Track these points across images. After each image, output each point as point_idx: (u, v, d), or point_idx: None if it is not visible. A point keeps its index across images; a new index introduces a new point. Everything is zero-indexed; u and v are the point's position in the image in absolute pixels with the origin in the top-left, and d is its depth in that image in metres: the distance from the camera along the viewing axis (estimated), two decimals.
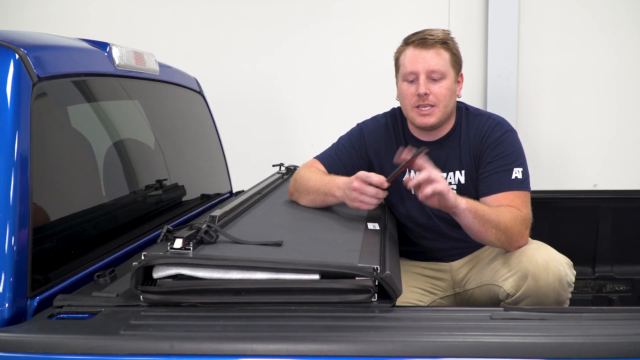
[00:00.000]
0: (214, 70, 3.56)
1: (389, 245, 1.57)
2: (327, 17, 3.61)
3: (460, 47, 1.95)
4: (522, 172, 1.84)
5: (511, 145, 1.87)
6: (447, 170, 1.92)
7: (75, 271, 1.43)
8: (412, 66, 1.85)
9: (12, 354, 1.10)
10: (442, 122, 1.89)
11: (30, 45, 1.38)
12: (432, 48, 1.84)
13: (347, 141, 2.06)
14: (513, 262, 1.73)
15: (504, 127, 1.91)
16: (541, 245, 1.77)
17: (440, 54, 1.84)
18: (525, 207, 1.80)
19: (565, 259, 1.72)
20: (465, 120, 1.95)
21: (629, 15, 3.42)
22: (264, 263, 1.28)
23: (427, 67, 1.83)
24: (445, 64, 1.85)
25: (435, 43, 1.84)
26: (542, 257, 1.68)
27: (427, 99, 1.83)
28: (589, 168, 3.52)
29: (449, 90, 1.85)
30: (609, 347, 1.07)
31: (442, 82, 1.84)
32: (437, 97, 1.84)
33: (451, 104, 1.88)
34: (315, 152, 2.12)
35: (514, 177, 1.83)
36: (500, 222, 1.70)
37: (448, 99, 1.86)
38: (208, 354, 1.08)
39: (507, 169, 1.84)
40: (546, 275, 1.65)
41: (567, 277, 1.68)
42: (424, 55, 1.84)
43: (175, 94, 2.34)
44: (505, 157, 1.85)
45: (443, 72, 1.84)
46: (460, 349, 1.08)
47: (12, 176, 1.24)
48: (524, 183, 1.84)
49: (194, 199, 2.32)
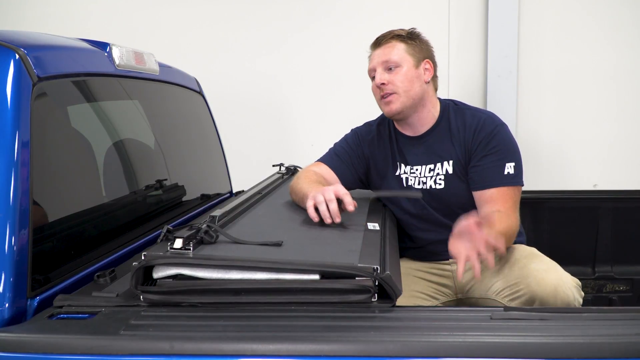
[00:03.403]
0: (214, 70, 3.56)
1: (389, 245, 1.57)
2: (327, 17, 3.61)
3: (460, 47, 1.98)
4: (514, 167, 1.88)
5: (503, 139, 1.91)
6: (435, 161, 1.97)
7: (75, 271, 1.43)
8: (371, 64, 2.00)
9: (12, 354, 1.10)
10: (408, 107, 1.95)
11: (30, 45, 1.38)
12: (384, 44, 1.97)
13: (344, 142, 2.13)
14: (522, 283, 1.71)
15: (495, 121, 1.95)
16: (550, 265, 1.75)
17: (393, 46, 1.96)
18: (515, 208, 1.86)
19: (574, 281, 1.70)
20: (453, 113, 1.99)
21: (629, 15, 3.42)
22: (264, 263, 1.28)
23: (380, 60, 1.96)
24: (399, 53, 1.95)
25: (387, 39, 1.98)
26: (551, 281, 1.66)
27: (385, 88, 1.94)
28: (589, 168, 3.52)
29: (406, 76, 1.94)
30: (609, 347, 1.06)
31: (397, 70, 1.94)
32: (394, 83, 1.93)
33: (414, 89, 1.94)
34: (316, 152, 2.14)
35: (506, 173, 1.86)
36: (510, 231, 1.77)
37: (407, 84, 1.93)
38: (208, 354, 1.08)
39: (499, 164, 1.87)
40: (554, 301, 1.64)
41: (575, 302, 1.67)
42: (378, 52, 1.98)
43: (175, 94, 2.34)
44: (497, 151, 1.89)
45: (396, 60, 1.94)
46: (460, 349, 1.08)
47: (12, 176, 1.24)
48: (515, 178, 1.87)
49: (194, 199, 2.32)
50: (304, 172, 2.05)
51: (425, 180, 1.98)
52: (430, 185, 1.97)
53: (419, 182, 1.99)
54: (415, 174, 2.00)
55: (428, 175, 1.97)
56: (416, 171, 2.00)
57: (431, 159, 1.97)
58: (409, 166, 2.01)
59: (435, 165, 1.97)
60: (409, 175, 2.01)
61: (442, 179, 1.95)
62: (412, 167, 2.01)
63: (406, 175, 2.01)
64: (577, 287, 1.70)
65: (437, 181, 1.96)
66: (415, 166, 2.00)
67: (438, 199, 1.96)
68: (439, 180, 1.96)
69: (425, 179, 1.98)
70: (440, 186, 1.95)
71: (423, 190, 1.97)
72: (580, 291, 1.71)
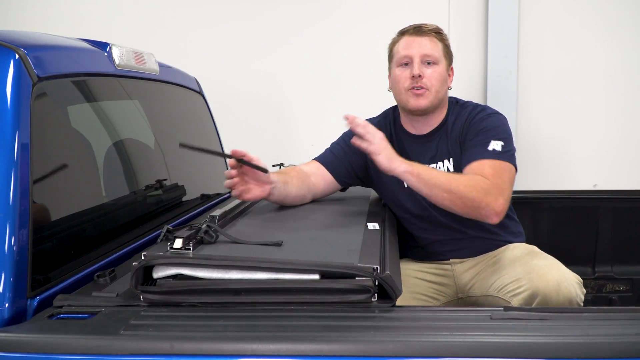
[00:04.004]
0: (214, 70, 3.56)
1: (389, 245, 1.57)
2: (327, 17, 3.61)
3: (460, 47, 1.98)
4: (501, 145, 1.81)
5: (493, 122, 1.88)
6: (437, 160, 1.96)
7: (75, 271, 1.43)
8: (407, 50, 1.93)
9: (12, 354, 1.10)
10: (434, 107, 1.93)
11: (30, 45, 1.38)
12: (427, 35, 1.94)
13: (341, 140, 2.12)
14: (524, 278, 1.71)
15: (488, 110, 1.95)
16: (552, 261, 1.75)
17: (435, 42, 1.94)
18: (497, 175, 1.74)
19: (575, 277, 1.70)
20: (453, 112, 1.99)
21: (628, 15, 3.42)
22: (263, 263, 1.28)
23: (422, 51, 1.91)
24: (439, 51, 1.93)
25: (430, 31, 1.94)
26: (553, 277, 1.66)
27: (420, 81, 1.90)
28: (589, 168, 3.52)
29: (442, 77, 1.92)
30: (609, 347, 1.06)
31: (435, 67, 1.92)
32: (430, 80, 1.90)
33: (442, 91, 1.94)
34: (316, 152, 2.14)
35: (490, 149, 1.80)
36: (452, 187, 1.69)
37: (440, 84, 1.92)
38: (208, 354, 1.08)
39: (484, 141, 1.82)
40: (557, 297, 1.64)
41: (577, 298, 1.66)
42: (418, 40, 1.93)
43: (175, 94, 2.34)
44: (485, 132, 1.85)
45: (437, 57, 1.92)
46: (460, 349, 1.08)
47: (12, 176, 1.24)
48: (502, 155, 1.79)
49: (194, 199, 2.32)
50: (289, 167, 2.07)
51: None
52: None
53: None
54: None
55: None
56: None
57: (434, 158, 1.97)
58: None
59: (437, 164, 1.96)
60: None
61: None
62: None
63: None
64: (579, 284, 1.70)
65: None
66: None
67: None
68: None
69: None
70: None
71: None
72: (582, 288, 1.70)
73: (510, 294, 1.73)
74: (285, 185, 1.84)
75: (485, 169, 1.75)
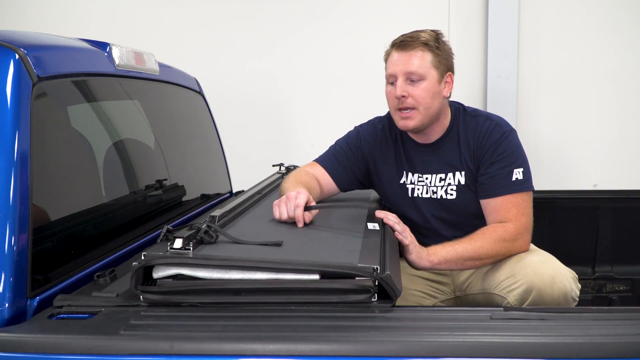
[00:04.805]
0: (214, 70, 3.56)
1: (389, 245, 1.57)
2: (327, 17, 3.61)
3: (460, 47, 1.95)
4: (522, 172, 1.83)
5: (510, 145, 1.86)
6: (447, 171, 1.92)
7: (75, 271, 1.43)
8: (392, 68, 1.86)
9: (12, 354, 1.10)
10: (425, 124, 1.88)
11: (30, 45, 1.38)
12: (412, 50, 1.83)
13: (344, 143, 2.08)
14: (519, 274, 1.72)
15: (503, 127, 1.89)
16: (547, 257, 1.77)
17: (420, 56, 1.83)
18: (521, 213, 1.81)
19: (570, 272, 1.72)
20: (462, 121, 1.94)
21: (629, 15, 3.43)
22: (264, 263, 1.28)
23: (405, 69, 1.82)
24: (425, 65, 1.82)
25: (415, 45, 1.83)
26: (548, 271, 1.68)
27: (405, 101, 1.83)
28: (589, 168, 3.52)
29: (429, 92, 1.83)
30: (609, 347, 1.07)
31: (421, 84, 1.83)
32: (416, 99, 1.82)
33: (434, 106, 1.86)
34: (316, 152, 2.13)
35: (514, 179, 1.82)
36: (481, 253, 1.76)
37: (429, 100, 1.83)
38: (208, 354, 1.08)
39: (507, 170, 1.83)
40: (551, 291, 1.65)
41: (572, 293, 1.68)
42: (402, 57, 1.84)
43: (175, 94, 2.34)
44: (504, 158, 1.84)
45: (421, 73, 1.82)
46: (460, 349, 1.08)
47: (12, 176, 1.24)
48: (524, 184, 1.83)
49: (194, 199, 2.32)
50: (297, 171, 2.04)
51: (435, 190, 1.93)
52: (441, 195, 1.93)
53: (428, 191, 1.95)
54: (424, 183, 1.96)
55: (439, 184, 1.93)
56: (426, 180, 1.95)
57: (442, 169, 1.93)
58: (417, 174, 1.96)
59: (446, 175, 1.92)
60: (416, 185, 1.96)
61: (454, 189, 1.91)
62: (421, 175, 1.96)
63: (412, 185, 1.97)
64: (574, 279, 1.71)
65: (449, 191, 1.92)
66: (425, 174, 1.95)
67: (448, 209, 1.93)
68: (451, 191, 1.92)
69: (435, 189, 1.93)
70: (452, 197, 1.91)
71: (432, 200, 1.94)
72: (577, 283, 1.71)
73: (506, 290, 1.75)
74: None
75: (511, 211, 1.81)
